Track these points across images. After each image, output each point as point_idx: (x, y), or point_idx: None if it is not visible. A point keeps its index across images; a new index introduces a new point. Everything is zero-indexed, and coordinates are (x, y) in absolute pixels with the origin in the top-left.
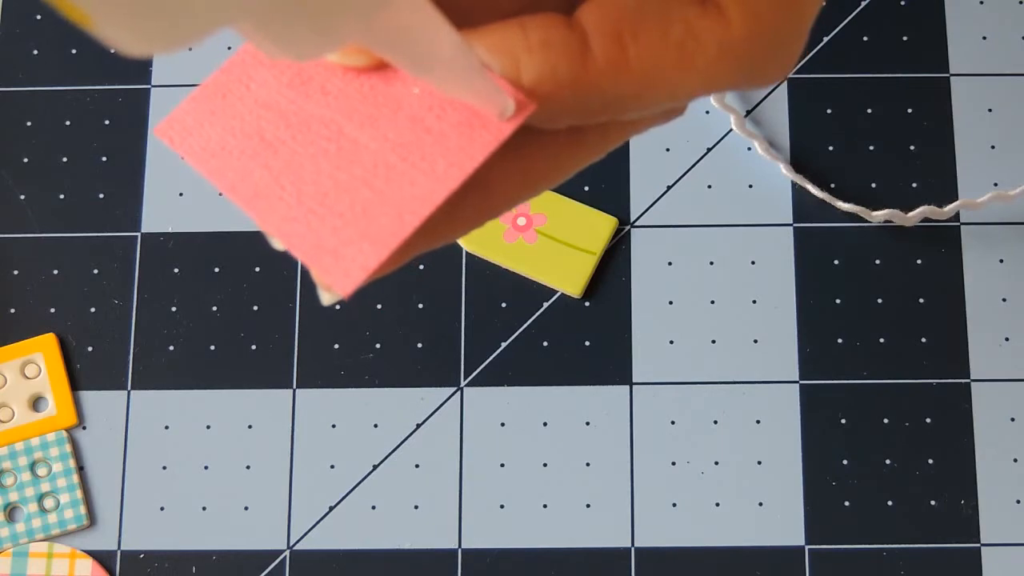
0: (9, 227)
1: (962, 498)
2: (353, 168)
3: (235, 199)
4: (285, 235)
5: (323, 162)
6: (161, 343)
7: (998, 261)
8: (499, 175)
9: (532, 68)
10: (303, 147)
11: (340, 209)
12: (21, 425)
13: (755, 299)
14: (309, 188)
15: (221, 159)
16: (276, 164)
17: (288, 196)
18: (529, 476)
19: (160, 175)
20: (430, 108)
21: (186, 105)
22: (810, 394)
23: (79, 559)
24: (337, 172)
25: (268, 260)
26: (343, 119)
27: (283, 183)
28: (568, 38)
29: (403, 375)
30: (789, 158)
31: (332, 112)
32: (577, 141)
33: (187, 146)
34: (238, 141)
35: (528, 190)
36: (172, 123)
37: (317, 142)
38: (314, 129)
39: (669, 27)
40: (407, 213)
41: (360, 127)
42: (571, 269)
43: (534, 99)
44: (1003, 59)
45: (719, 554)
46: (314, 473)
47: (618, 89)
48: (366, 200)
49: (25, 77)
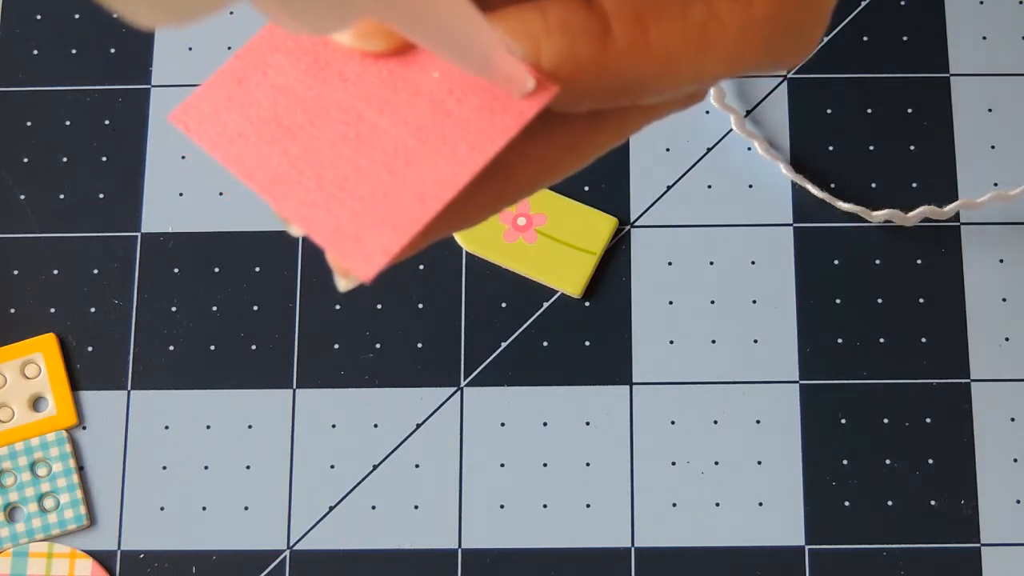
0: (9, 227)
1: (962, 498)
2: (373, 153)
3: (253, 185)
4: (305, 220)
5: (342, 147)
6: (161, 343)
7: (998, 261)
8: (519, 160)
9: (552, 51)
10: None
11: (360, 194)
12: (21, 425)
13: (755, 299)
14: (328, 173)
15: (238, 146)
16: (294, 150)
17: (307, 181)
18: (529, 476)
19: (160, 175)
20: (450, 92)
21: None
22: (810, 394)
23: (79, 559)
24: (357, 157)
25: (268, 260)
26: (362, 104)
27: (302, 169)
28: (588, 20)
29: (403, 375)
30: (789, 158)
31: (351, 97)
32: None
33: (203, 133)
34: (255, 127)
35: (548, 175)
36: (187, 110)
37: (336, 127)
38: (332, 115)
39: (690, 8)
40: (429, 197)
41: (379, 112)
42: (571, 269)
43: (555, 82)
44: (1003, 59)
45: (719, 554)
46: (314, 473)
47: (639, 72)
48: (387, 184)
49: (25, 77)
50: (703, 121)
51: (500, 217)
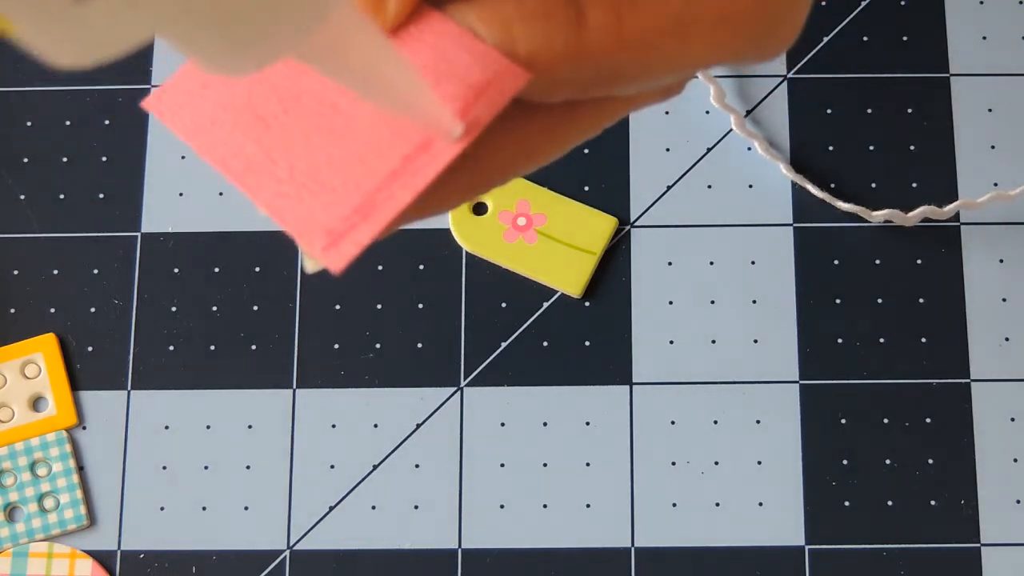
0: (9, 227)
1: (962, 498)
2: (346, 143)
3: (225, 173)
4: (276, 210)
5: (316, 137)
6: (161, 343)
7: (998, 261)
8: (491, 149)
9: (526, 38)
10: (296, 122)
11: (333, 184)
12: (21, 425)
13: (755, 299)
14: (301, 163)
15: (212, 133)
16: (268, 139)
17: (280, 171)
18: (529, 476)
19: (160, 175)
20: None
21: (177, 78)
22: (810, 394)
23: (79, 559)
24: (330, 147)
25: (268, 260)
26: (337, 94)
27: (275, 158)
28: (564, 8)
29: (403, 375)
30: (789, 158)
31: (325, 88)
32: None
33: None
34: (229, 115)
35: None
36: (162, 96)
37: (310, 117)
38: (307, 104)
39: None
40: (400, 188)
41: (354, 102)
42: (571, 269)
43: (529, 71)
44: (1003, 59)
45: (719, 554)
46: (314, 473)
47: (615, 61)
48: (358, 175)
49: (25, 77)
50: (703, 121)
51: (500, 217)
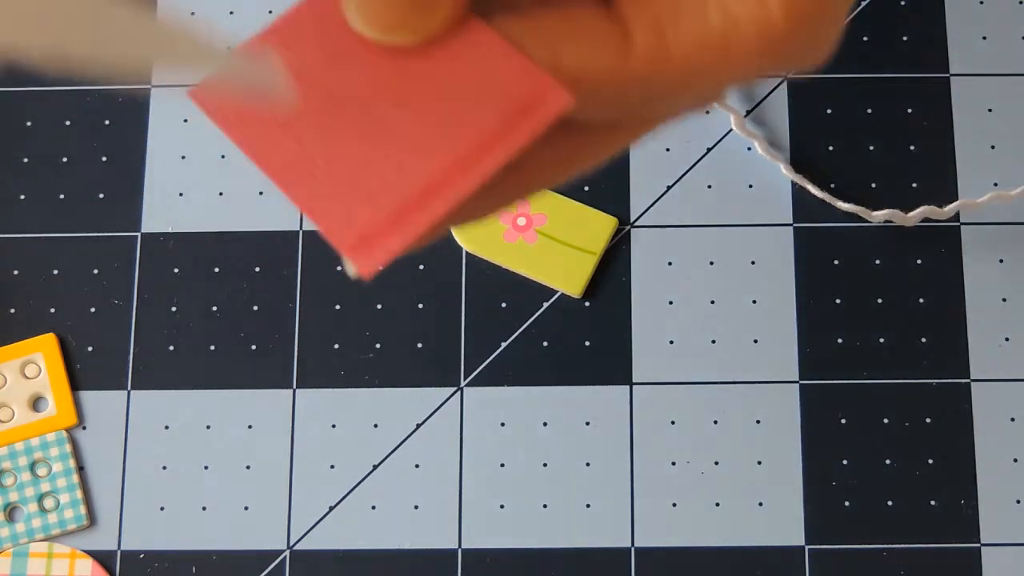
0: (9, 227)
1: (962, 498)
2: (385, 148)
3: (264, 169)
4: (312, 210)
5: (356, 140)
6: (161, 343)
7: (998, 261)
8: (533, 161)
9: (572, 59)
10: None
11: (370, 189)
12: (21, 425)
13: (755, 299)
14: (340, 165)
15: (253, 128)
16: (308, 139)
17: (318, 172)
18: (529, 476)
19: (160, 175)
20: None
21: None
22: (810, 394)
23: (79, 559)
24: (369, 151)
25: (268, 260)
26: (378, 98)
27: (314, 158)
28: (609, 28)
29: (403, 375)
30: (789, 158)
31: (367, 90)
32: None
33: (220, 112)
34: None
35: (561, 175)
36: (206, 87)
37: (352, 119)
38: (348, 106)
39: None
40: (437, 198)
41: (394, 107)
42: (571, 269)
43: (574, 90)
44: (1003, 59)
45: (719, 554)
46: (314, 473)
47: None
48: (396, 182)
49: (25, 77)
50: (703, 121)
51: (500, 217)
